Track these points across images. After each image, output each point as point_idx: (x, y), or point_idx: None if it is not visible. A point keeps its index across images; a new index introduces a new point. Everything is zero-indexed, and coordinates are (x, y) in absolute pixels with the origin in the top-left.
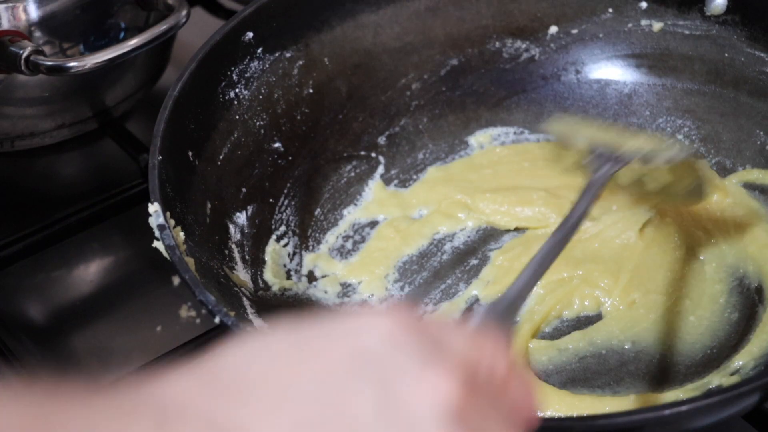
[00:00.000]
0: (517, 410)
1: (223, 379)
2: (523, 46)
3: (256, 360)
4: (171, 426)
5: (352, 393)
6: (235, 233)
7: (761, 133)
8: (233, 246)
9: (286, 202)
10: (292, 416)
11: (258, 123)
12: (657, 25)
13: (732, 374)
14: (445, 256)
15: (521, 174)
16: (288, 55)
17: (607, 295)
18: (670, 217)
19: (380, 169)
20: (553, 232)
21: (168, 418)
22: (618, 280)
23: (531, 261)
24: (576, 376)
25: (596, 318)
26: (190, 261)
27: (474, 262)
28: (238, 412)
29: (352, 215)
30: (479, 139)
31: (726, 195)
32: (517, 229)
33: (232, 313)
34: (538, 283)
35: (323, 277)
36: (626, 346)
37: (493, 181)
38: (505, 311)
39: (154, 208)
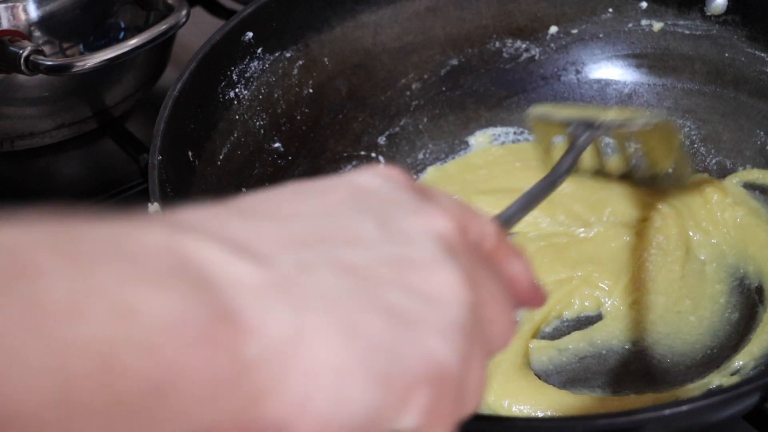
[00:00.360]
0: (514, 283)
1: (233, 208)
2: (523, 46)
3: (264, 199)
4: (183, 235)
5: (355, 215)
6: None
7: (762, 133)
8: None
9: None
10: (297, 230)
11: (258, 123)
12: (657, 25)
13: (732, 374)
14: None
15: (513, 175)
16: (288, 55)
17: (607, 296)
18: (670, 218)
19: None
20: (541, 180)
21: (181, 228)
22: (618, 281)
23: (522, 194)
24: (576, 376)
25: (596, 318)
26: None
27: None
28: (247, 225)
29: None
30: (479, 139)
31: (726, 195)
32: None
33: None
34: None
35: None
36: (626, 346)
37: (487, 182)
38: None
39: (154, 208)
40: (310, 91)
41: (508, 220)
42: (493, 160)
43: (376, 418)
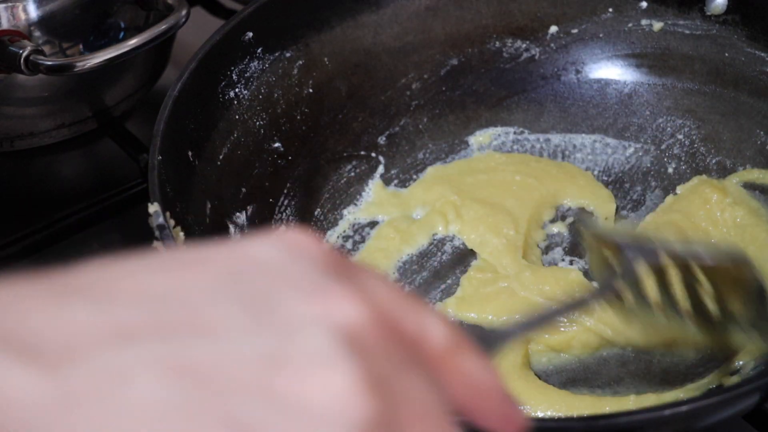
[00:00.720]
0: (474, 397)
1: (55, 286)
2: (524, 45)
3: (106, 272)
4: None
5: (219, 298)
6: (235, 233)
7: (762, 132)
8: None
9: (286, 202)
10: (127, 318)
11: (258, 123)
12: (657, 25)
13: (732, 374)
14: (445, 256)
15: (510, 188)
16: (288, 54)
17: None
18: (669, 221)
19: (380, 169)
20: (568, 300)
21: None
22: None
23: (539, 312)
24: (576, 376)
25: None
26: None
27: (474, 261)
28: (56, 314)
29: (352, 215)
30: (479, 139)
31: (726, 195)
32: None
33: None
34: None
35: None
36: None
37: (483, 190)
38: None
39: (154, 208)
40: (310, 91)
41: (504, 335)
42: (495, 167)
43: None
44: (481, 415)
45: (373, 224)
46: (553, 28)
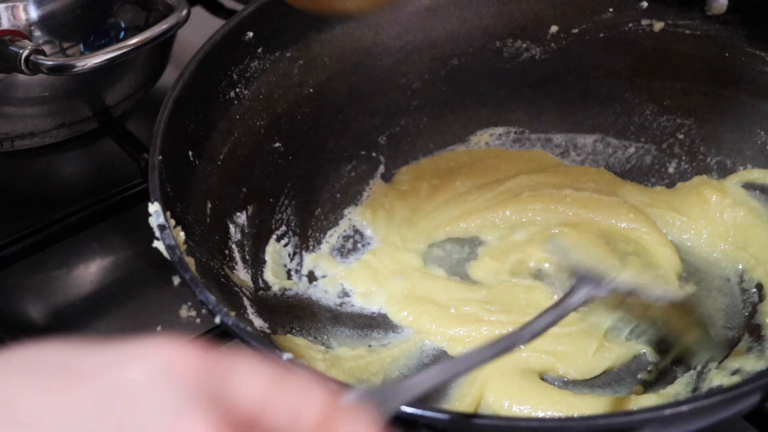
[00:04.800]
0: None
1: None
2: (524, 45)
3: (7, 385)
4: None
5: (85, 425)
6: (235, 233)
7: (762, 132)
8: (233, 246)
9: (286, 201)
10: None
11: (258, 123)
12: (657, 25)
13: (732, 374)
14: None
15: (483, 188)
16: (288, 54)
17: None
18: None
19: (381, 169)
20: (492, 342)
21: None
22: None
23: (452, 361)
24: None
25: None
26: (191, 261)
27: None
28: None
29: (353, 215)
30: (480, 138)
31: (726, 195)
32: None
33: (233, 313)
34: None
35: (324, 277)
36: None
37: (466, 183)
38: (387, 397)
39: (154, 208)
40: (311, 90)
41: (413, 387)
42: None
43: None
44: None
45: None
46: (554, 28)
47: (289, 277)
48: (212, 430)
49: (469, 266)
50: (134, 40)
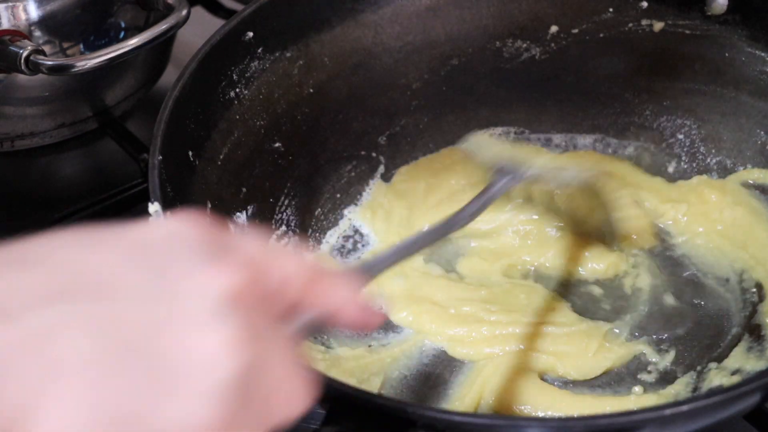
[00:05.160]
0: (339, 311)
1: (2, 256)
2: (524, 45)
3: (40, 244)
4: None
5: (126, 271)
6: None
7: (762, 132)
8: None
9: (286, 201)
10: (59, 282)
11: (258, 123)
12: (657, 25)
13: (732, 374)
14: None
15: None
16: (288, 54)
17: None
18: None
19: (380, 169)
20: (434, 226)
21: None
22: None
23: (402, 241)
24: None
25: None
26: None
27: None
28: (4, 277)
29: (353, 215)
30: (480, 138)
31: (725, 195)
32: None
33: None
34: None
35: None
36: None
37: (460, 180)
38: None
39: (154, 208)
40: (311, 90)
41: (370, 268)
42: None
43: None
44: (345, 319)
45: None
46: (554, 28)
47: None
48: (235, 271)
49: (458, 262)
50: (134, 40)
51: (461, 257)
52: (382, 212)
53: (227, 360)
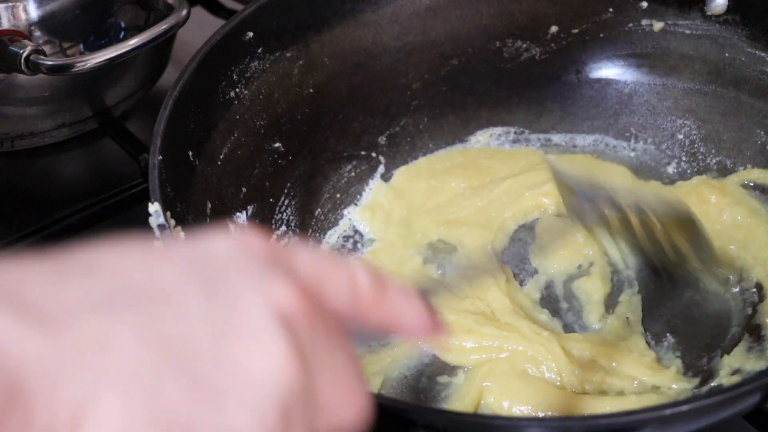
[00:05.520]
0: (403, 323)
1: (53, 263)
2: (524, 45)
3: (94, 254)
4: None
5: (183, 282)
6: (235, 233)
7: (762, 132)
8: None
9: (286, 201)
10: (110, 290)
11: (258, 123)
12: (657, 25)
13: (732, 374)
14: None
15: (477, 190)
16: (288, 54)
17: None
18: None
19: (380, 169)
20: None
21: None
22: None
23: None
24: None
25: None
26: None
27: None
28: (53, 285)
29: (353, 215)
30: (480, 138)
31: (725, 195)
32: None
33: None
34: None
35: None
36: None
37: (461, 183)
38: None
39: (154, 208)
40: (311, 90)
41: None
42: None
43: None
44: (411, 332)
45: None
46: (554, 28)
47: None
48: (293, 288)
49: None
50: (134, 40)
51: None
52: (381, 213)
53: (280, 377)
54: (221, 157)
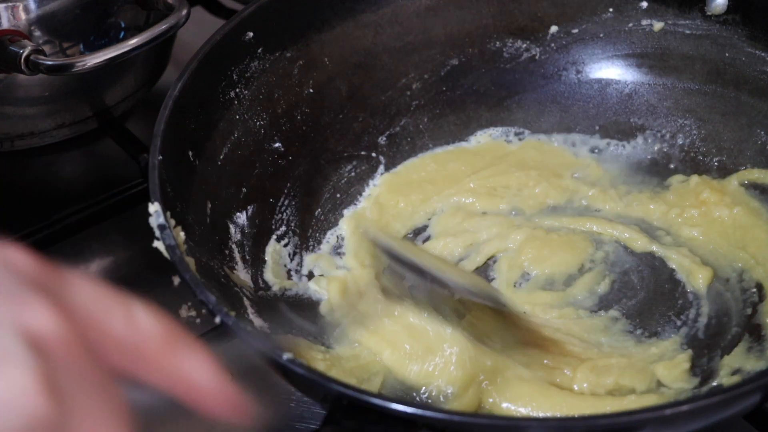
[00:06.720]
0: (190, 387)
1: None
2: (524, 45)
3: None
4: None
5: None
6: (235, 233)
7: (762, 132)
8: (233, 246)
9: (286, 202)
10: None
11: (258, 123)
12: (658, 25)
13: (732, 374)
14: None
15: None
16: (288, 54)
17: None
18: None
19: (380, 169)
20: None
21: None
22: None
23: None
24: None
25: None
26: (191, 261)
27: None
28: None
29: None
30: (480, 138)
31: (725, 195)
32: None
33: (233, 313)
34: None
35: (323, 276)
36: None
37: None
38: None
39: (154, 208)
40: (311, 91)
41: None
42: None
43: None
44: (198, 403)
45: None
46: (554, 28)
47: (289, 277)
48: (54, 314)
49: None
50: (134, 40)
51: None
52: (381, 212)
53: (24, 405)
54: (221, 157)
